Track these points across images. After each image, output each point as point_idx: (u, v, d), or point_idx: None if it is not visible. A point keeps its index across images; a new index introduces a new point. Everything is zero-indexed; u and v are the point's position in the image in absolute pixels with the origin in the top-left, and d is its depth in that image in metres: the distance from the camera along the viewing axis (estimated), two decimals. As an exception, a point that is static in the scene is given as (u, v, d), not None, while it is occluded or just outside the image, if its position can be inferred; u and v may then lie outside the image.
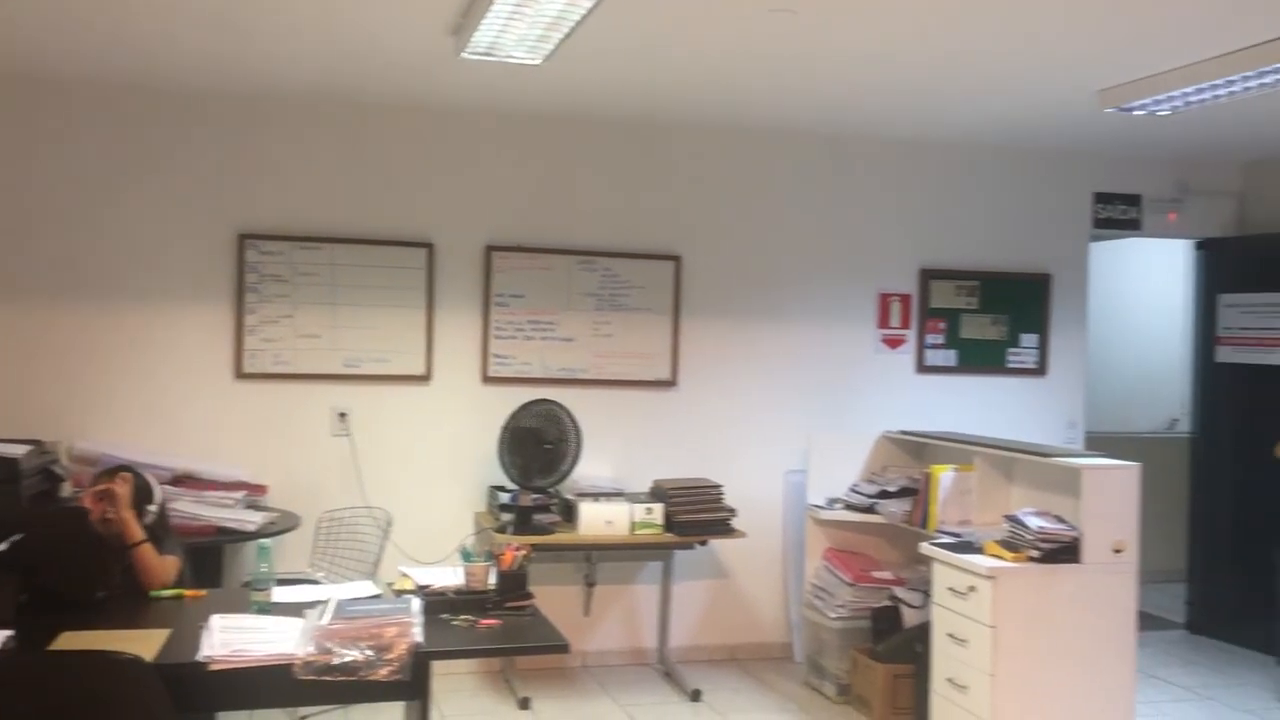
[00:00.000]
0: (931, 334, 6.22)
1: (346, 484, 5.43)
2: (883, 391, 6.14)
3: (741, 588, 5.97)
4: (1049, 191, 6.36)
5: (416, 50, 4.46)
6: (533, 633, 3.25)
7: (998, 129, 5.81)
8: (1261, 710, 5.23)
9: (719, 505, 5.30)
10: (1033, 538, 4.25)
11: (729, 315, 5.95)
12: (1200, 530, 6.66)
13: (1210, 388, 6.62)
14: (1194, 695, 5.47)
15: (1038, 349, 6.36)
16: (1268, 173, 6.46)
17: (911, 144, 6.15)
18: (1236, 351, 6.41)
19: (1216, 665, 5.97)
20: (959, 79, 4.75)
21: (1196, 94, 4.58)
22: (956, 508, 4.98)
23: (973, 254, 6.27)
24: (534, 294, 5.68)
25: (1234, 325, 6.43)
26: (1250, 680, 5.68)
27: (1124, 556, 4.25)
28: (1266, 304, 6.22)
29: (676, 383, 5.87)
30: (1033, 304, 6.34)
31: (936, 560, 4.48)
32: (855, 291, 6.12)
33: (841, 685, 5.27)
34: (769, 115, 5.59)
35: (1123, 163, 6.45)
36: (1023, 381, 6.34)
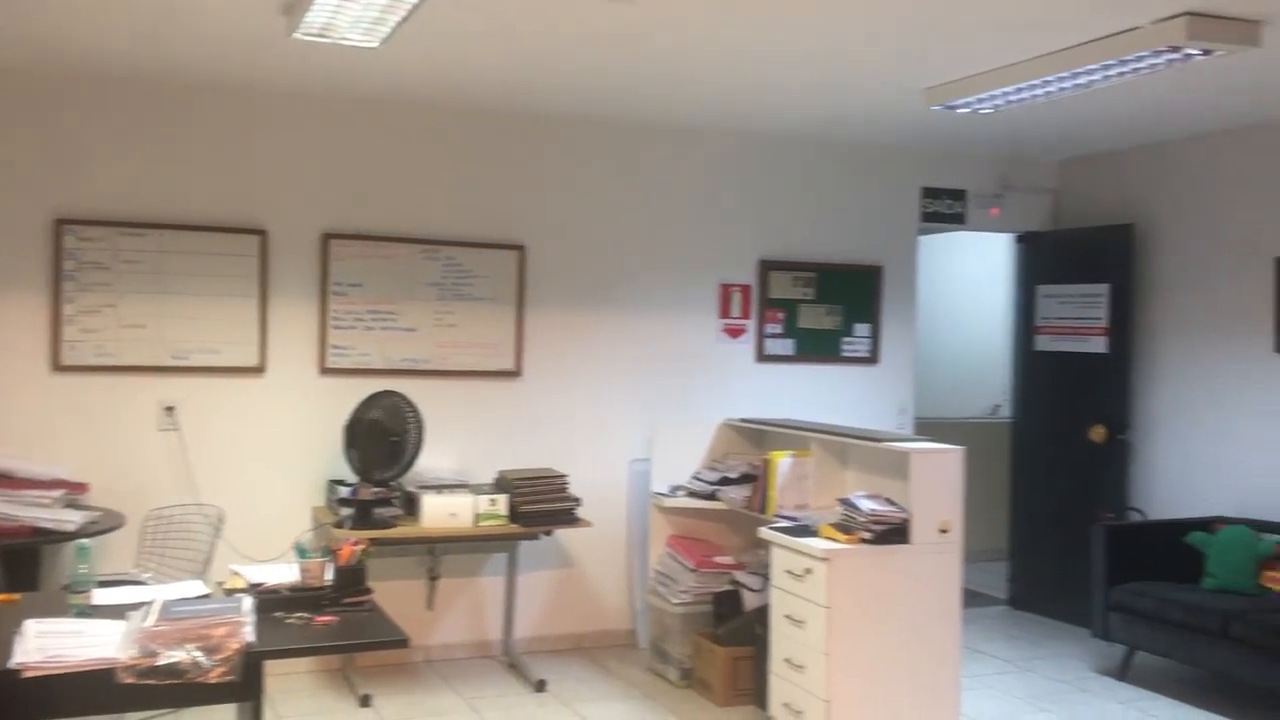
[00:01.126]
0: (771, 324, 6.36)
1: (176, 480, 5.22)
2: (724, 380, 6.25)
3: (587, 577, 6.00)
4: (881, 186, 6.58)
5: (247, 29, 4.30)
6: (371, 628, 3.19)
7: (833, 125, 5.98)
8: (1076, 680, 5.54)
9: (564, 495, 5.30)
10: (865, 520, 4.39)
11: (573, 305, 5.96)
12: (1020, 510, 7.02)
13: (1029, 374, 6.97)
14: (1015, 667, 5.76)
15: (870, 338, 6.57)
16: (1081, 170, 6.84)
17: (751, 137, 6.27)
18: (1053, 340, 6.77)
19: (1036, 638, 6.30)
20: (794, 75, 4.87)
21: (1016, 93, 4.80)
22: (794, 492, 5.11)
23: (810, 246, 6.44)
24: (374, 283, 5.56)
25: (1051, 315, 6.78)
26: (1067, 652, 6.01)
27: (950, 536, 4.43)
28: (1080, 294, 6.58)
29: (521, 373, 5.85)
30: (865, 295, 6.55)
31: (774, 544, 4.59)
32: (697, 282, 6.21)
33: (684, 669, 5.35)
34: (611, 106, 5.62)
35: (949, 159, 6.72)
36: (856, 369, 6.55)
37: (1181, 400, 6.16)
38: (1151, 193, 6.36)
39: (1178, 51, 4.00)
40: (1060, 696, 5.29)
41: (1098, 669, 5.68)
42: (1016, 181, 6.88)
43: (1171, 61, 4.15)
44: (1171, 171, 6.24)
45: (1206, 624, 4.98)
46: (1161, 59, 4.12)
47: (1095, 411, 6.47)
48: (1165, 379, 6.25)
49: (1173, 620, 5.14)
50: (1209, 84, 4.89)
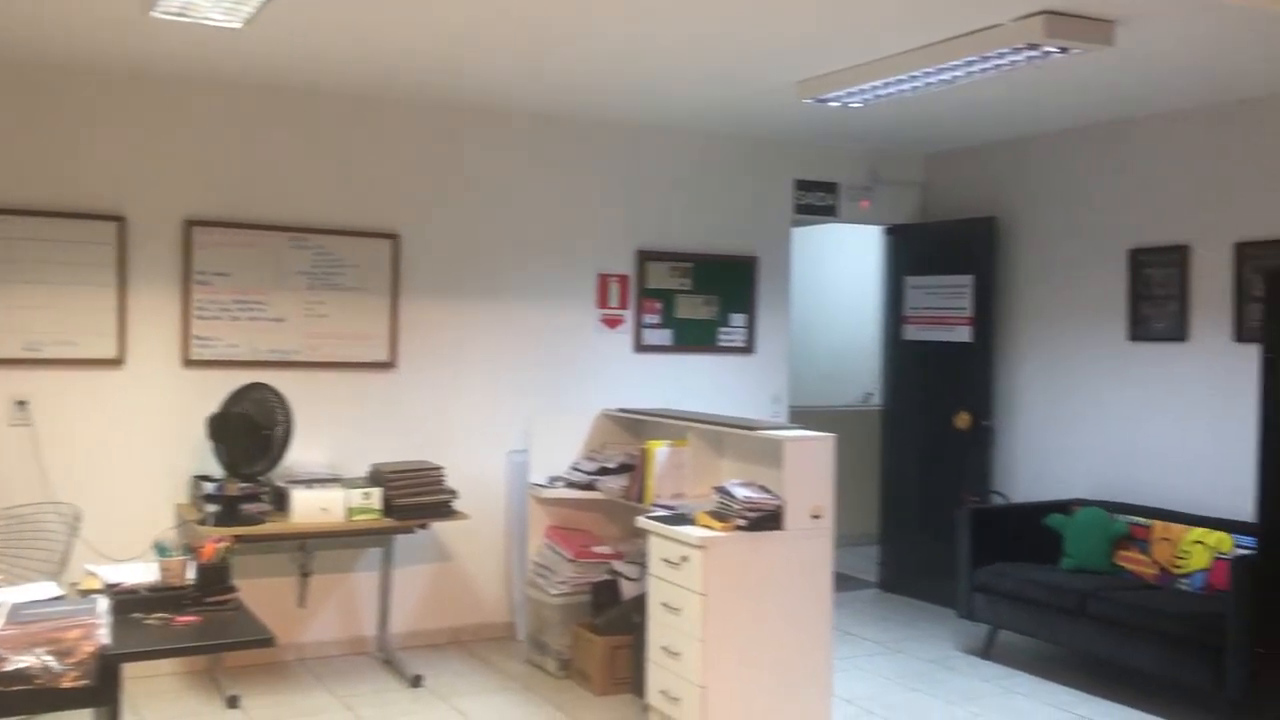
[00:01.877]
0: (648, 314, 6.39)
1: (28, 478, 4.98)
2: (602, 370, 6.25)
3: (464, 570, 5.94)
4: (755, 178, 6.66)
5: (103, 7, 4.12)
6: (235, 628, 3.09)
7: (709, 116, 6.03)
8: (943, 659, 5.72)
9: (440, 488, 5.23)
10: (740, 507, 4.44)
11: (450, 295, 5.88)
12: (890, 495, 7.20)
13: (898, 363, 7.16)
14: (885, 649, 5.91)
15: (746, 328, 6.66)
16: (947, 164, 7.04)
17: (628, 128, 6.28)
18: (921, 330, 6.96)
19: (905, 619, 6.48)
20: (670, 67, 4.89)
21: (884, 88, 4.91)
22: (671, 481, 5.14)
23: (687, 237, 6.48)
24: (241, 272, 5.39)
25: (919, 305, 6.97)
26: (935, 632, 6.19)
27: (822, 522, 4.51)
28: (946, 285, 6.78)
29: (396, 364, 5.75)
30: (741, 285, 6.63)
31: (652, 533, 4.61)
32: (575, 272, 6.19)
33: (563, 660, 5.34)
34: (488, 93, 5.55)
35: (821, 152, 6.84)
36: (733, 359, 6.63)
37: (1041, 387, 6.39)
38: (1013, 186, 6.58)
39: (1036, 49, 4.14)
40: (928, 676, 5.44)
41: (964, 648, 5.86)
42: (886, 175, 7.05)
43: (1031, 59, 4.30)
44: (1032, 166, 6.47)
45: (1064, 603, 5.19)
46: (1022, 56, 4.26)
47: (961, 399, 6.68)
48: (1026, 367, 6.49)
49: (1033, 600, 5.34)
50: (1067, 81, 5.08)
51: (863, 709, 4.96)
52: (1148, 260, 5.78)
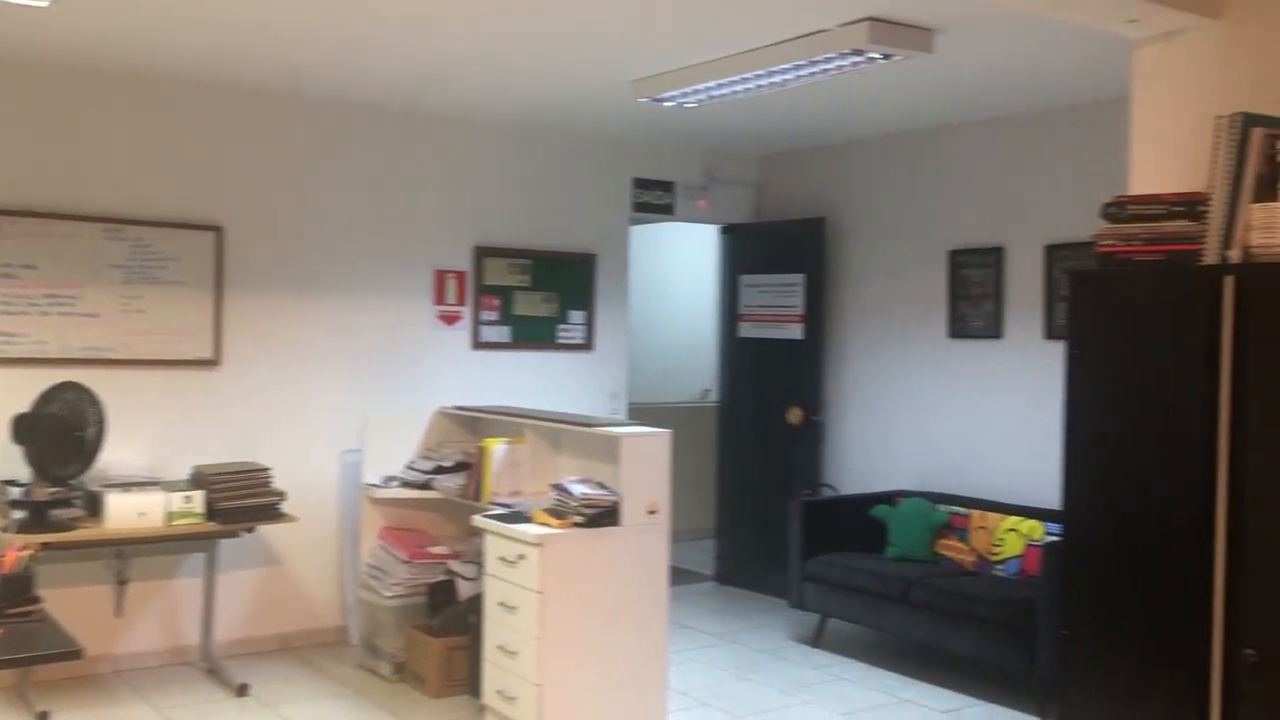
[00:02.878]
0: (486, 310, 6.33)
1: None
2: (439, 367, 6.16)
3: (295, 574, 5.76)
4: (594, 175, 6.68)
5: (-112, -22, 3.83)
6: (39, 640, 2.92)
7: (548, 113, 6.01)
8: (777, 649, 5.85)
9: (266, 489, 5.06)
10: (577, 504, 4.45)
11: (278, 290, 5.69)
12: (726, 490, 7.33)
13: (734, 360, 7.29)
14: (720, 640, 6.01)
15: (585, 325, 6.66)
16: (779, 165, 7.21)
17: (466, 122, 6.20)
18: (756, 327, 7.10)
19: (741, 611, 6.60)
20: (507, 62, 4.85)
21: (718, 89, 4.98)
22: (509, 479, 5.10)
23: (525, 233, 6.45)
24: (50, 264, 5.10)
25: (753, 303, 7.11)
26: (768, 623, 6.33)
27: (658, 517, 4.55)
28: (778, 284, 6.94)
29: (220, 362, 5.53)
30: (580, 282, 6.64)
31: (488, 531, 4.57)
32: (411, 267, 6.08)
33: (397, 664, 5.24)
34: (319, 83, 5.40)
35: (659, 151, 6.91)
36: (571, 356, 6.63)
37: (868, 383, 6.62)
38: (842, 188, 6.79)
39: (861, 54, 4.28)
40: (761, 665, 5.56)
41: (796, 637, 6.02)
42: (721, 175, 7.17)
43: (856, 64, 4.43)
44: (859, 168, 6.68)
45: (889, 590, 5.38)
46: (848, 61, 4.39)
47: (792, 394, 6.85)
48: (854, 363, 6.70)
49: (860, 588, 5.52)
50: (891, 87, 5.26)
51: (697, 700, 5.03)
52: (966, 261, 6.04)
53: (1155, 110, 3.25)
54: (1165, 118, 3.22)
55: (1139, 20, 3.10)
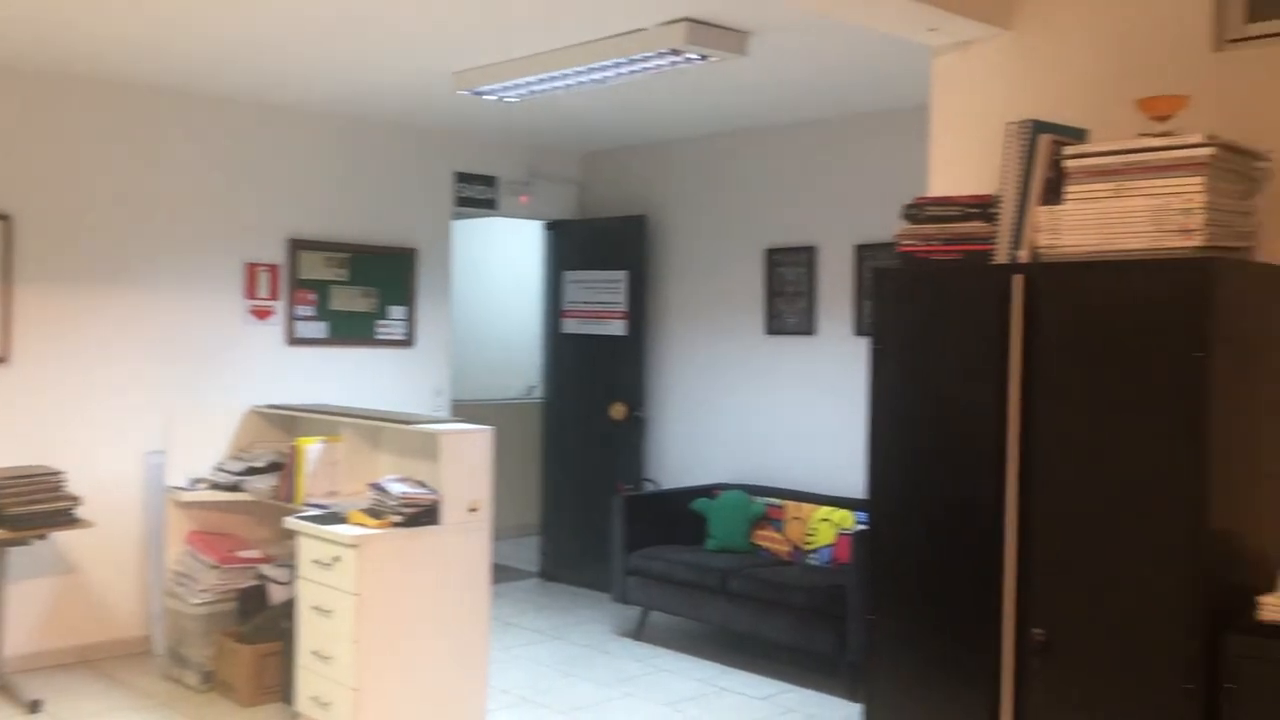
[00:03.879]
0: (301, 305, 6.14)
1: None
2: (251, 365, 5.94)
3: (94, 582, 5.46)
4: (415, 168, 6.57)
5: None
6: None
7: (366, 103, 5.87)
8: (600, 643, 5.88)
9: (58, 494, 4.77)
10: (395, 503, 4.36)
11: (75, 282, 5.38)
12: (551, 486, 7.32)
13: (558, 356, 7.29)
14: (544, 636, 6.00)
15: (406, 321, 6.54)
16: (601, 163, 7.24)
17: (280, 110, 5.99)
18: (579, 323, 7.12)
19: (565, 607, 6.61)
20: (322, 48, 4.71)
21: (539, 84, 4.97)
22: (325, 479, 4.96)
23: (343, 226, 6.29)
24: None
25: (577, 300, 7.13)
26: (592, 617, 6.36)
27: (479, 515, 4.51)
28: (602, 280, 6.98)
29: (7, 359, 5.19)
30: (401, 277, 6.51)
31: (301, 533, 4.43)
32: (220, 260, 5.84)
33: (206, 673, 5.03)
34: (117, 64, 5.12)
35: (481, 145, 6.85)
36: (392, 352, 6.50)
37: (689, 378, 6.72)
38: (663, 186, 6.88)
39: (679, 54, 4.34)
40: (584, 660, 5.58)
41: (619, 631, 6.06)
42: (544, 171, 7.15)
43: (674, 63, 4.49)
44: (679, 167, 6.78)
45: (707, 581, 5.48)
46: (665, 60, 4.44)
47: (616, 390, 6.90)
48: (676, 359, 6.80)
49: (680, 580, 5.61)
50: (709, 88, 5.36)
51: (519, 697, 5.02)
52: (782, 259, 6.21)
53: (952, 115, 3.41)
54: (962, 123, 3.38)
55: (938, 29, 3.24)
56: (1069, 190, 2.72)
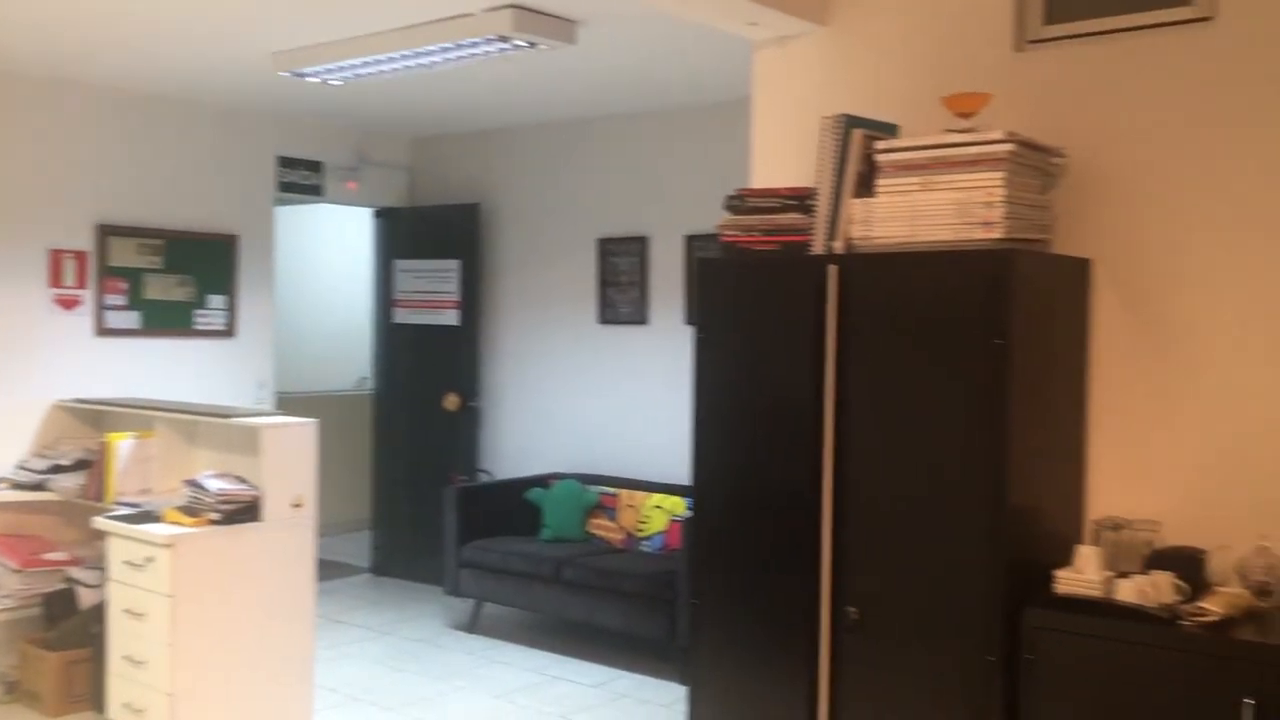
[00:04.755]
0: (112, 294, 5.83)
1: None
2: (56, 357, 5.61)
3: (-122, 592, 5.07)
4: (235, 151, 6.32)
5: None
6: None
7: (182, 81, 5.61)
8: (432, 637, 5.81)
9: None
10: (213, 500, 4.20)
11: None
12: (382, 480, 7.18)
13: (389, 347, 7.15)
14: (376, 632, 5.89)
15: (226, 310, 6.29)
16: (433, 149, 7.13)
17: (91, 89, 5.67)
18: (411, 313, 7.00)
19: (398, 602, 6.50)
20: (132, 23, 4.47)
21: (364, 67, 4.84)
22: (137, 477, 4.74)
23: (157, 211, 5.99)
24: None
25: (408, 289, 7.00)
26: (425, 612, 6.27)
27: (303, 511, 4.38)
28: (433, 269, 6.87)
29: None
30: (220, 265, 6.26)
31: (111, 533, 4.22)
32: (21, 246, 5.49)
33: (9, 683, 4.75)
34: (-102, 35, 4.76)
35: (306, 128, 6.64)
36: (212, 343, 6.24)
37: (523, 368, 6.69)
38: (496, 174, 6.81)
39: (507, 41, 4.29)
40: (417, 655, 5.50)
41: (452, 624, 6.00)
42: (373, 156, 6.99)
43: (502, 50, 4.44)
44: (513, 155, 6.73)
45: (541, 571, 5.47)
46: (494, 47, 4.39)
47: (449, 381, 6.81)
48: (510, 349, 6.75)
49: (514, 571, 5.58)
50: (541, 76, 5.32)
51: (347, 696, 4.90)
52: (614, 249, 6.23)
53: (773, 109, 3.48)
54: (782, 116, 3.45)
55: (758, 24, 3.30)
56: (880, 184, 2.81)
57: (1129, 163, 2.87)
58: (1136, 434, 2.87)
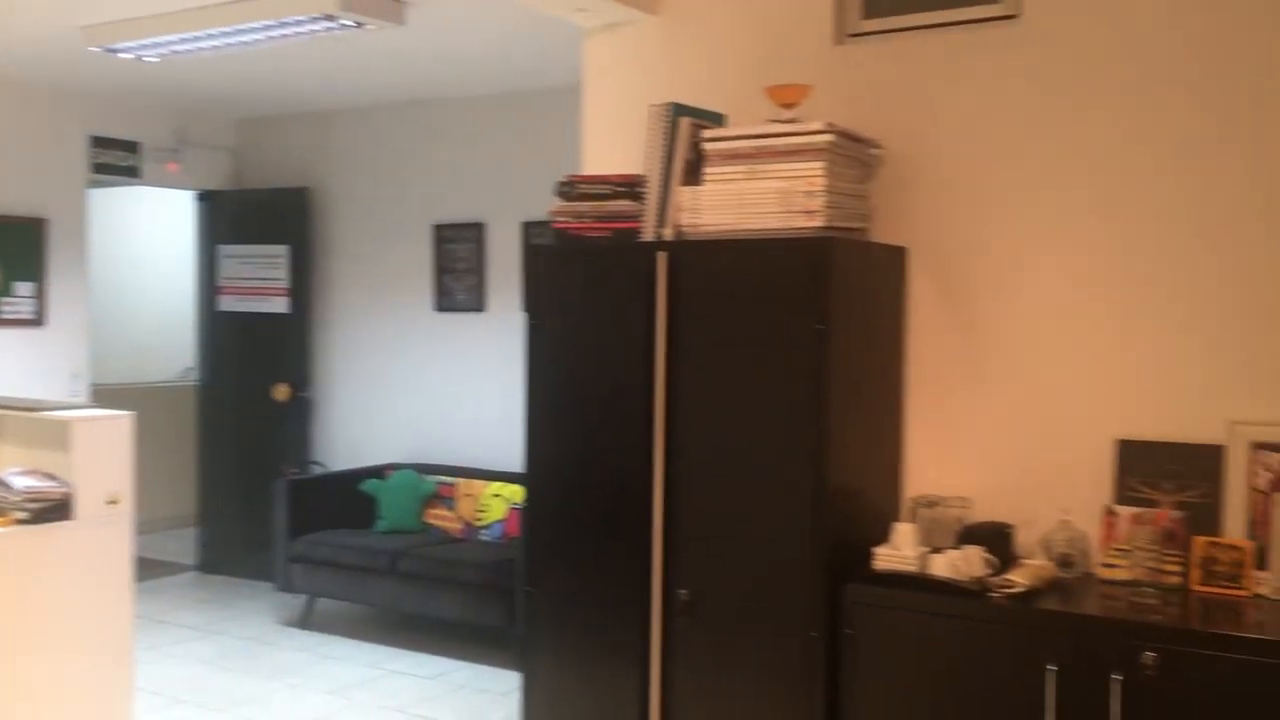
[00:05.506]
0: (-95, 282, 5.44)
1: None
2: None
3: None
4: (43, 130, 5.96)
5: None
6: None
7: (-23, 55, 5.27)
8: (262, 635, 5.63)
9: None
10: (19, 499, 3.95)
11: None
12: (209, 474, 6.92)
13: (214, 335, 6.88)
14: (202, 631, 5.67)
15: (35, 298, 5.95)
16: (259, 130, 6.88)
17: None
18: (238, 300, 6.75)
19: (226, 600, 6.27)
20: (-84, -11, 4.17)
21: (181, 43, 4.63)
22: (-66, 476, 4.43)
23: (-45, 193, 5.62)
24: None
25: (234, 275, 6.75)
26: (255, 609, 6.07)
27: (120, 508, 4.17)
28: (261, 255, 6.64)
29: None
30: (28, 250, 5.90)
31: (-96, 537, 3.93)
32: None
33: None
34: None
35: (121, 107, 6.32)
36: (19, 333, 5.89)
37: (358, 357, 6.54)
38: (326, 157, 6.62)
39: (333, 20, 4.17)
40: (245, 653, 5.33)
41: (284, 621, 5.83)
42: (195, 138, 6.70)
43: (329, 29, 4.32)
44: (343, 138, 6.55)
45: (377, 564, 5.37)
46: (320, 26, 4.26)
47: (279, 370, 6.60)
48: (343, 337, 6.59)
49: (348, 565, 5.46)
50: (372, 57, 5.20)
51: (172, 699, 4.71)
52: (451, 235, 6.15)
53: (604, 95, 3.48)
54: (613, 103, 3.46)
55: (586, 10, 3.29)
56: (708, 172, 2.85)
57: (942, 154, 2.99)
58: (949, 415, 2.99)
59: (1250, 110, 2.65)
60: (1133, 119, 2.77)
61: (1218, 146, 2.68)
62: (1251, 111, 2.65)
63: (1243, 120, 2.66)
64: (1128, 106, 2.77)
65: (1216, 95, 2.68)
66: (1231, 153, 2.67)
